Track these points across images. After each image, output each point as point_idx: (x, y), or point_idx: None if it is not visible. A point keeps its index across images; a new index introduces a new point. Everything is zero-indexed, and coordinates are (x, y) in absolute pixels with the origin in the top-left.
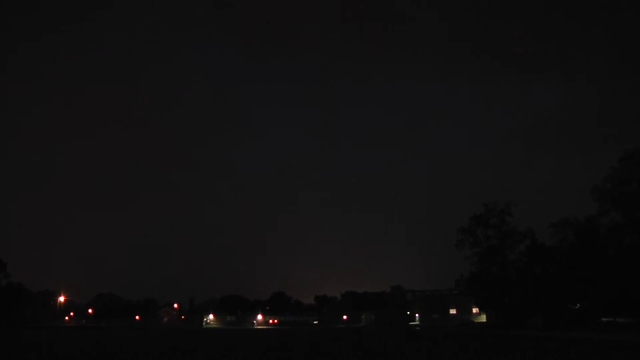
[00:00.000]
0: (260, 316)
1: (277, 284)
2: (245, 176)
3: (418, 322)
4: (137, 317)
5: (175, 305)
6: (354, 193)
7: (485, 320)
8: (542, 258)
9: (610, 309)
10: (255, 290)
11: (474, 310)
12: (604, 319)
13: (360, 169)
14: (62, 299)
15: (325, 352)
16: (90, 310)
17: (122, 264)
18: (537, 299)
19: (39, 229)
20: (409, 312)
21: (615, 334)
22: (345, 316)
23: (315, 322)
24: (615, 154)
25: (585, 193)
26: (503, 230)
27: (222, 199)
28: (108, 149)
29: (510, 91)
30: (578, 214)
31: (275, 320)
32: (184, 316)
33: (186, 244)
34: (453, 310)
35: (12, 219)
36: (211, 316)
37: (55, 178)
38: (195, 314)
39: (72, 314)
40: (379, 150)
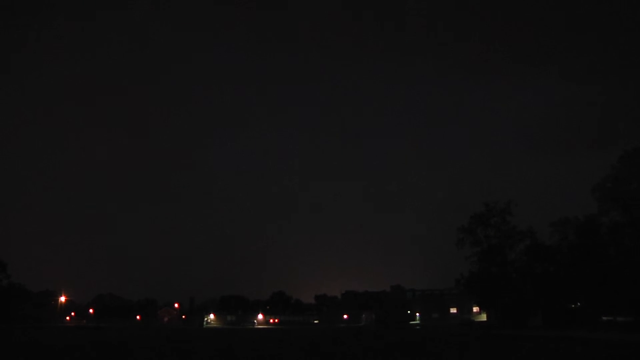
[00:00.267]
0: (260, 316)
1: (278, 284)
2: (246, 176)
3: (418, 321)
4: (138, 317)
5: (176, 305)
6: (354, 192)
7: (485, 319)
8: (542, 257)
9: (611, 308)
10: (255, 290)
11: (474, 309)
12: (604, 318)
13: (361, 169)
14: (63, 299)
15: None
16: (90, 311)
17: (123, 264)
18: (537, 298)
19: (40, 230)
20: (409, 312)
21: (615, 333)
22: (345, 315)
23: (316, 322)
24: (616, 153)
25: (585, 192)
26: (503, 229)
27: (223, 198)
28: (108, 150)
29: (511, 90)
30: (578, 214)
31: (276, 320)
32: (184, 316)
33: (186, 244)
34: (453, 310)
35: (13, 220)
36: (212, 316)
37: (56, 178)
38: (196, 314)
39: (73, 314)
40: (379, 149)
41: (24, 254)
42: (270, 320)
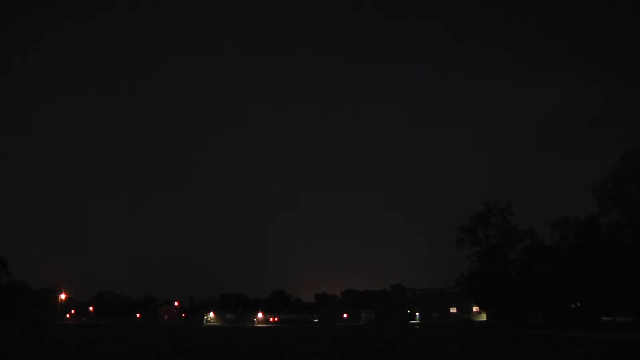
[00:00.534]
0: (260, 314)
1: (278, 282)
2: (247, 175)
3: (418, 321)
4: (138, 315)
5: (176, 303)
6: (355, 192)
7: (485, 319)
8: (543, 257)
9: (611, 308)
10: (255, 288)
11: (474, 309)
12: (604, 318)
13: (361, 168)
14: (63, 296)
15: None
16: (90, 308)
17: (123, 262)
18: (537, 298)
19: (40, 227)
20: (409, 311)
21: (615, 333)
22: (345, 314)
23: (316, 320)
24: (616, 153)
25: (586, 192)
26: (504, 229)
27: (223, 197)
28: (109, 149)
29: (511, 90)
30: (579, 213)
31: (276, 318)
32: (184, 314)
33: (186, 243)
34: (453, 309)
35: (13, 217)
36: (211, 314)
37: (56, 177)
38: (196, 312)
39: (73, 311)
40: (379, 149)
41: (24, 251)
42: (270, 319)
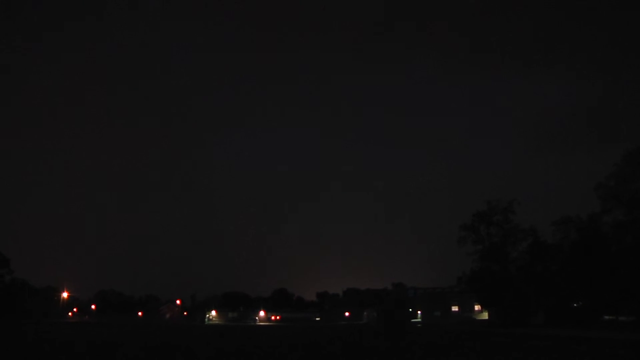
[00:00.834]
0: (262, 312)
1: (280, 281)
2: (247, 175)
3: (419, 319)
4: (140, 314)
5: (178, 302)
6: (355, 191)
7: (487, 317)
8: (544, 256)
9: (613, 308)
10: (257, 286)
11: (476, 307)
12: (605, 318)
13: (361, 168)
14: (65, 295)
15: None
16: (92, 306)
17: (125, 260)
18: (539, 297)
19: (43, 225)
20: (410, 309)
21: (617, 332)
22: (347, 313)
23: (317, 319)
24: (619, 152)
25: (588, 191)
26: (505, 228)
27: (224, 196)
28: (109, 148)
29: (513, 88)
30: (581, 212)
31: (277, 317)
32: (186, 312)
33: (188, 241)
34: (455, 308)
35: (16, 215)
36: (213, 312)
37: (58, 175)
38: (198, 310)
39: (76, 309)
40: (380, 148)
41: (27, 249)
42: (272, 317)
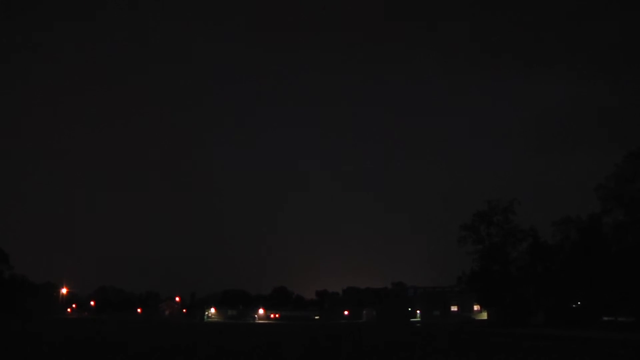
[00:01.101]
0: (261, 310)
1: (279, 280)
2: (247, 174)
3: (419, 319)
4: (139, 310)
5: (177, 299)
6: (355, 190)
7: (486, 317)
8: (544, 256)
9: (612, 308)
10: (257, 284)
11: (475, 307)
12: (604, 318)
13: (361, 167)
14: (65, 291)
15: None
16: (92, 303)
17: (125, 257)
18: (539, 298)
19: (42, 222)
20: (410, 309)
21: (616, 332)
22: (346, 312)
23: (317, 317)
24: (620, 152)
25: (588, 191)
26: (506, 228)
27: (224, 194)
28: (109, 147)
29: (514, 88)
30: (581, 213)
31: (277, 315)
32: (185, 310)
33: (188, 239)
34: (454, 307)
35: (15, 212)
36: (213, 310)
37: (57, 173)
38: (197, 308)
39: (75, 306)
40: (380, 148)
41: (26, 246)
42: (271, 315)
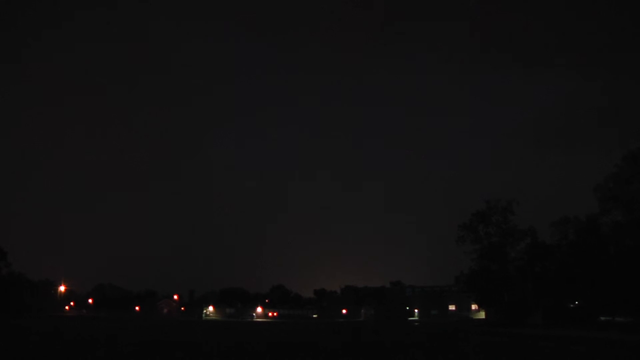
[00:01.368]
0: (259, 309)
1: (278, 278)
2: (246, 174)
3: (417, 318)
4: (137, 308)
5: (175, 297)
6: (355, 190)
7: (484, 317)
8: (543, 256)
9: (610, 308)
10: (255, 283)
11: (473, 307)
12: (602, 318)
13: (361, 166)
14: (63, 288)
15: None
16: (90, 300)
17: (123, 255)
18: (537, 297)
19: (40, 219)
20: (408, 308)
21: (614, 332)
22: (344, 310)
23: (315, 316)
24: (619, 153)
25: (587, 192)
26: (504, 227)
27: (224, 192)
28: (109, 144)
29: (513, 89)
30: (579, 213)
31: (275, 313)
32: (183, 308)
33: (187, 237)
34: (452, 307)
35: (13, 208)
36: (211, 308)
37: (56, 170)
38: (195, 306)
39: (73, 303)
40: (380, 147)
41: (25, 243)
42: (269, 314)
